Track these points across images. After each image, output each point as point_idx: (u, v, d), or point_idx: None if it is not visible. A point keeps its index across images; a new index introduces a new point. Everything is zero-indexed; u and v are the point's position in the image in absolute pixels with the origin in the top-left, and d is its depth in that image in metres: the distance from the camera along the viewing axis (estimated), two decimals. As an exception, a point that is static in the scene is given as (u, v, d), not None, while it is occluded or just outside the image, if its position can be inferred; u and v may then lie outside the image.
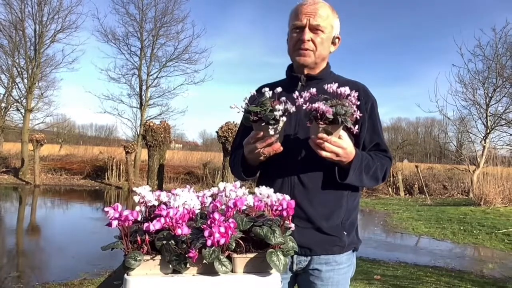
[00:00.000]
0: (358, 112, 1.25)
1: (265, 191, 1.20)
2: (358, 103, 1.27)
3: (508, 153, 15.76)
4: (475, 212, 10.23)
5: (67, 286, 4.43)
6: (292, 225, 1.13)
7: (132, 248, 1.02)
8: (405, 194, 15.71)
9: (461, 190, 15.55)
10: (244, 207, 1.13)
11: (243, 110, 1.30)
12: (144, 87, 18.21)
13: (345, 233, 1.45)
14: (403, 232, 8.62)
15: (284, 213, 1.09)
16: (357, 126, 1.30)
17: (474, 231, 8.26)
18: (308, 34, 1.43)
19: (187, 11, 24.34)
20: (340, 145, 1.28)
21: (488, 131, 14.59)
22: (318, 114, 1.21)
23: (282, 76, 1.62)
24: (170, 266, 1.01)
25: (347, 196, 1.46)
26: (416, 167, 16.65)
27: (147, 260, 1.00)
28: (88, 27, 39.35)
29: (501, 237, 7.71)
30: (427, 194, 14.83)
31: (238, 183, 1.25)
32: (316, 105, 1.20)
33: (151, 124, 12.03)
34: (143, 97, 18.18)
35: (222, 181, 1.73)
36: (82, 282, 4.52)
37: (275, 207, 1.13)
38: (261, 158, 1.36)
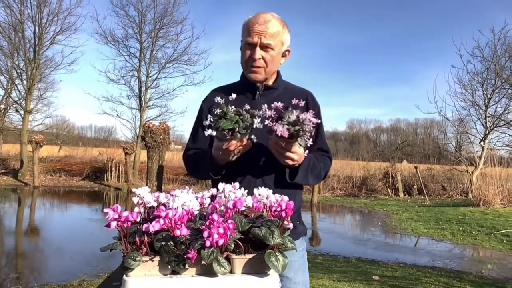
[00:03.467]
0: (313, 131, 1.38)
1: (264, 192, 1.20)
2: (318, 121, 1.39)
3: (507, 154, 15.80)
4: (474, 213, 10.23)
5: (66, 288, 4.43)
6: (291, 226, 1.13)
7: (131, 249, 1.02)
8: (404, 195, 15.72)
9: (460, 191, 15.55)
10: (243, 208, 1.13)
11: (214, 126, 1.36)
12: (143, 89, 18.20)
13: (298, 222, 1.62)
14: (402, 233, 8.63)
15: (283, 214, 1.09)
16: (311, 140, 1.43)
17: (473, 232, 8.26)
18: (259, 53, 1.54)
19: (186, 12, 24.39)
20: (296, 152, 1.43)
21: (487, 132, 14.61)
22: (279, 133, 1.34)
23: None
24: (169, 267, 1.01)
25: (298, 193, 1.65)
26: (415, 168, 16.66)
27: (146, 261, 1.00)
28: (87, 29, 39.37)
29: (500, 238, 7.72)
30: (426, 195, 14.84)
31: (237, 184, 1.26)
32: (275, 127, 1.32)
33: (151, 125, 12.03)
34: (142, 98, 18.17)
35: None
36: (81, 284, 4.52)
37: (273, 208, 1.13)
38: (233, 158, 1.47)
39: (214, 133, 1.36)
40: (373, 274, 5.13)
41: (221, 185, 1.24)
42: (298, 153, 1.43)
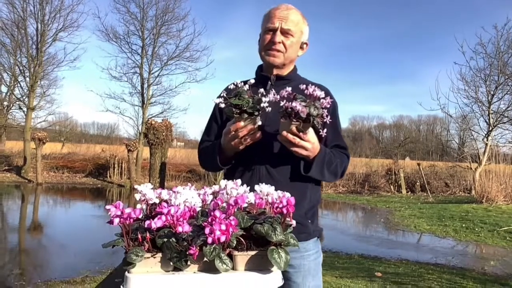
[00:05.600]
0: (328, 117, 1.34)
1: (266, 189, 1.20)
2: (329, 106, 1.34)
3: (510, 150, 15.74)
4: (477, 210, 10.21)
5: (69, 284, 4.45)
6: (293, 222, 1.13)
7: (133, 245, 1.02)
8: (407, 192, 15.70)
9: (463, 187, 15.52)
10: (245, 205, 1.13)
11: (225, 103, 1.35)
12: (145, 86, 18.23)
13: (309, 221, 1.55)
14: (405, 229, 8.62)
15: (285, 210, 1.09)
16: (325, 130, 1.40)
17: (476, 229, 8.25)
18: (279, 37, 1.53)
19: (188, 9, 24.36)
20: (309, 140, 1.37)
21: (491, 128, 14.56)
22: (293, 113, 1.29)
23: None
24: (171, 263, 1.01)
25: (311, 189, 1.56)
26: (418, 164, 16.63)
27: (148, 257, 1.00)
28: (89, 26, 39.37)
29: (503, 235, 7.71)
30: (429, 192, 14.81)
31: (239, 181, 1.25)
32: (294, 104, 1.27)
33: (153, 122, 12.04)
34: (144, 95, 18.20)
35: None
36: (84, 280, 4.54)
37: (276, 205, 1.12)
38: (241, 147, 1.43)
39: (223, 105, 1.34)
40: (375, 270, 5.13)
41: (223, 182, 1.24)
42: (311, 142, 1.38)
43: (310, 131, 1.37)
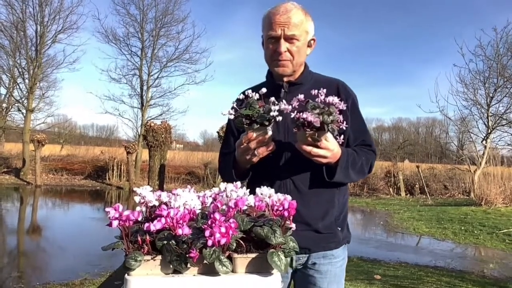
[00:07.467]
0: (345, 123, 1.29)
1: (266, 191, 1.20)
2: (344, 109, 1.29)
3: (509, 153, 15.77)
4: (476, 212, 10.21)
5: (68, 286, 4.43)
6: (293, 225, 1.13)
7: (133, 248, 1.02)
8: (406, 194, 15.70)
9: (462, 190, 15.53)
10: (245, 207, 1.13)
11: (235, 114, 1.32)
12: (145, 87, 18.24)
13: (339, 229, 1.51)
14: (404, 232, 8.61)
15: (285, 213, 1.09)
16: (342, 136, 1.35)
17: (475, 231, 8.25)
18: (283, 46, 1.44)
19: (188, 11, 24.41)
20: (327, 148, 1.31)
21: (489, 131, 14.57)
22: (306, 122, 1.24)
23: None
24: (171, 266, 1.01)
25: (338, 194, 1.51)
26: (417, 167, 16.64)
27: (148, 260, 1.00)
28: (88, 27, 39.53)
29: (502, 237, 7.70)
30: (428, 194, 14.82)
31: (239, 183, 1.25)
32: (304, 115, 1.23)
33: (152, 125, 12.07)
34: (144, 97, 18.21)
35: (223, 181, 1.67)
36: (83, 282, 4.53)
37: (276, 207, 1.12)
38: (254, 159, 1.38)
39: (232, 116, 1.31)
40: (374, 273, 5.13)
41: (223, 184, 1.24)
42: (330, 149, 1.32)
43: (329, 137, 1.32)
